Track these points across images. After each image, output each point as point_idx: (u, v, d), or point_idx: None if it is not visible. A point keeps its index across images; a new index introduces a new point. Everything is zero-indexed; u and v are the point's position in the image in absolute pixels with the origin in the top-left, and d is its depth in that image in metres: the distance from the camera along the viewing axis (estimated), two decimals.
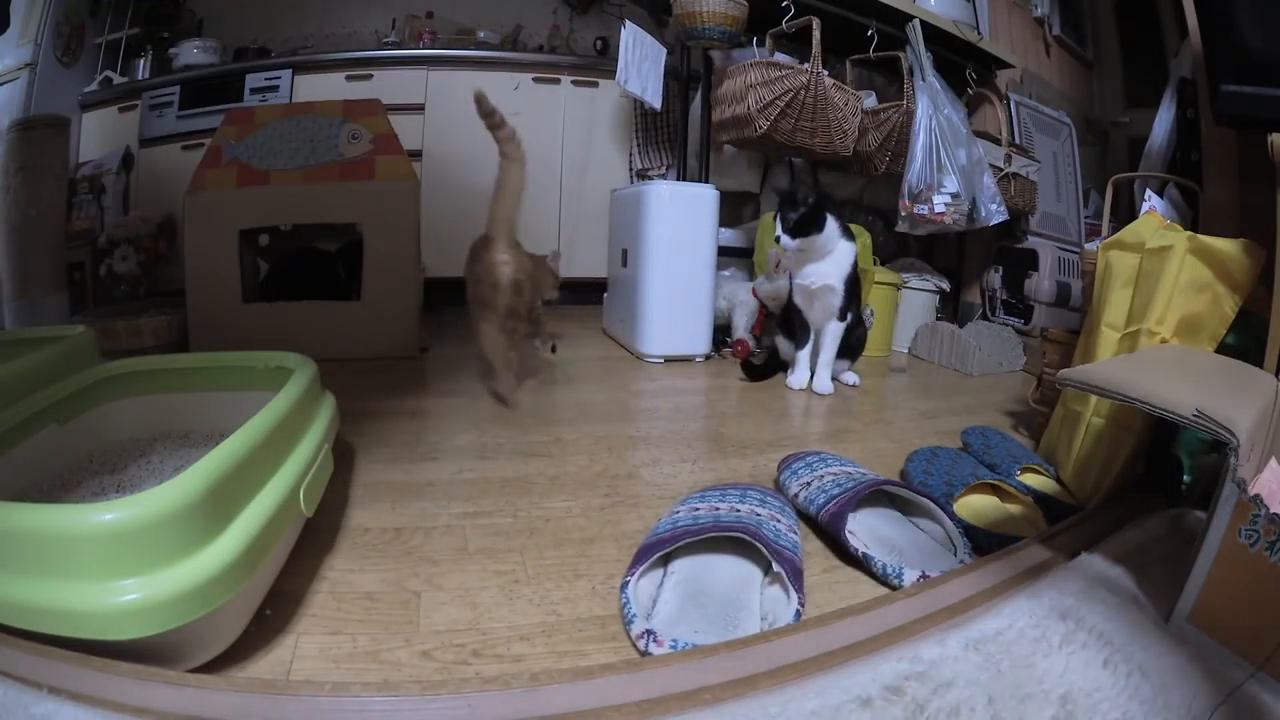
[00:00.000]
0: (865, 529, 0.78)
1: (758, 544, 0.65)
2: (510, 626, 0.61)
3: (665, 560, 0.68)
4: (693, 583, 0.65)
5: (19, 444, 0.72)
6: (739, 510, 0.72)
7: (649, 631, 0.56)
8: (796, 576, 0.63)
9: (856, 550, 0.71)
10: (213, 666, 0.53)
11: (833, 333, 1.45)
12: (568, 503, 0.86)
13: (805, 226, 1.35)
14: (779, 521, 0.72)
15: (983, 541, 0.76)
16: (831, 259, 1.40)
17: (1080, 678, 0.53)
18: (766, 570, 0.67)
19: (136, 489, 0.77)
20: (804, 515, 0.81)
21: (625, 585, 0.63)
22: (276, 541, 0.59)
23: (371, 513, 0.81)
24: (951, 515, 0.77)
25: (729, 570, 0.67)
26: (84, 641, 0.47)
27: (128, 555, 0.47)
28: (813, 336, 1.48)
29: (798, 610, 0.60)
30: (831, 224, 1.37)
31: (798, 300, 1.47)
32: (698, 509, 0.73)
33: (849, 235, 1.43)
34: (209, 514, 0.52)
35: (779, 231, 1.35)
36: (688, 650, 0.54)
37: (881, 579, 0.69)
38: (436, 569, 0.69)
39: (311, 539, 0.72)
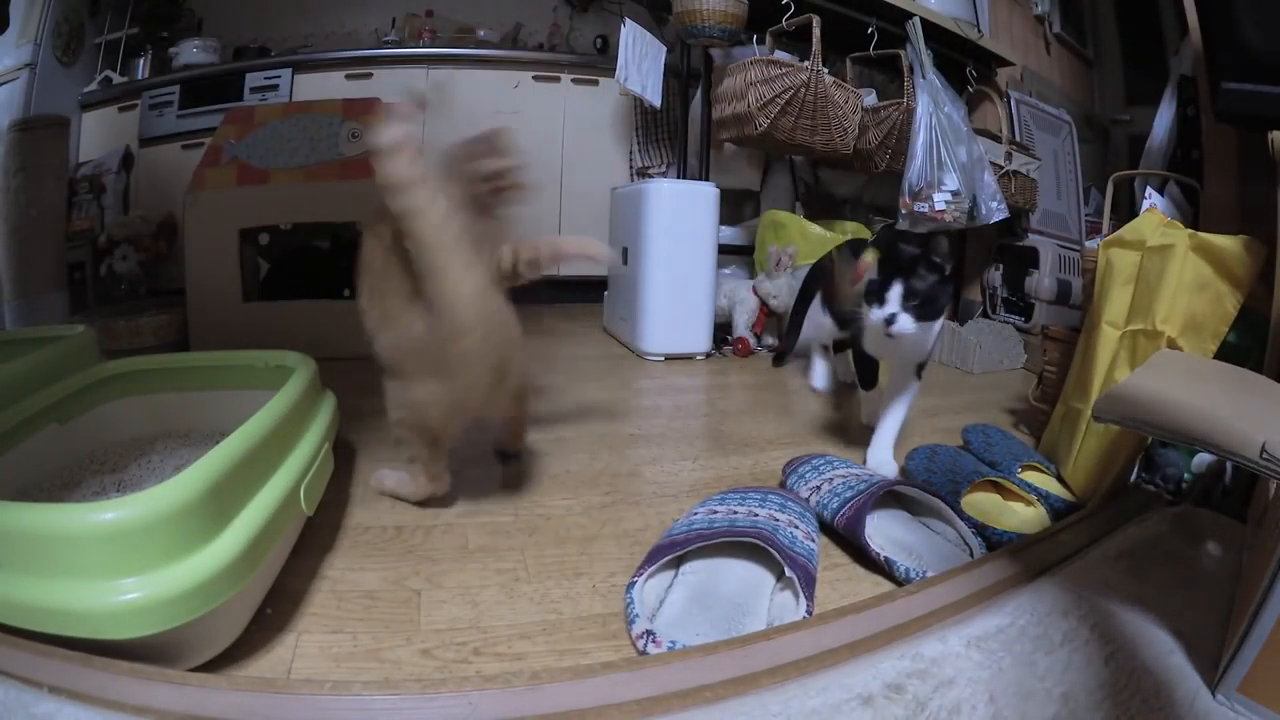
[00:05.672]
0: (878, 531, 0.77)
1: (771, 549, 0.64)
2: (511, 625, 0.61)
3: (678, 562, 0.68)
4: (701, 585, 0.65)
5: (19, 444, 0.72)
6: (757, 515, 0.71)
7: (649, 632, 0.56)
8: (809, 584, 0.63)
9: (879, 555, 0.70)
10: (213, 665, 0.53)
11: (909, 395, 1.00)
12: (568, 501, 0.86)
13: (929, 308, 0.86)
14: (796, 528, 0.71)
15: (994, 540, 0.75)
16: None
17: (1082, 675, 0.53)
18: (779, 576, 0.66)
19: (137, 488, 0.77)
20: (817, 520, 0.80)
21: (632, 585, 0.63)
22: (277, 540, 0.59)
23: (372, 511, 0.81)
24: (963, 516, 0.76)
25: (739, 574, 0.67)
26: (84, 641, 0.47)
27: (128, 554, 0.47)
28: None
29: (805, 618, 0.59)
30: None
31: (870, 349, 1.04)
32: (715, 512, 0.73)
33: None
34: (209, 513, 0.52)
35: (893, 309, 0.85)
36: (689, 648, 0.54)
37: (904, 585, 0.68)
38: (437, 567, 0.69)
39: (312, 537, 0.72)
